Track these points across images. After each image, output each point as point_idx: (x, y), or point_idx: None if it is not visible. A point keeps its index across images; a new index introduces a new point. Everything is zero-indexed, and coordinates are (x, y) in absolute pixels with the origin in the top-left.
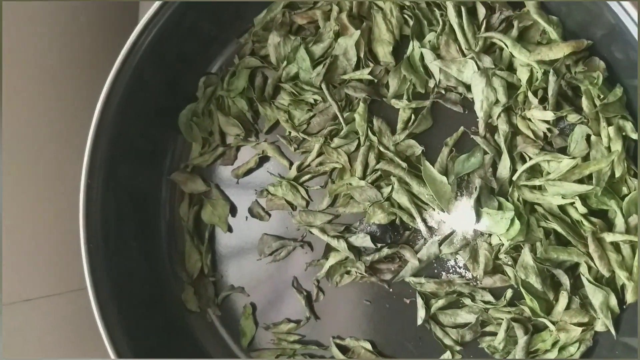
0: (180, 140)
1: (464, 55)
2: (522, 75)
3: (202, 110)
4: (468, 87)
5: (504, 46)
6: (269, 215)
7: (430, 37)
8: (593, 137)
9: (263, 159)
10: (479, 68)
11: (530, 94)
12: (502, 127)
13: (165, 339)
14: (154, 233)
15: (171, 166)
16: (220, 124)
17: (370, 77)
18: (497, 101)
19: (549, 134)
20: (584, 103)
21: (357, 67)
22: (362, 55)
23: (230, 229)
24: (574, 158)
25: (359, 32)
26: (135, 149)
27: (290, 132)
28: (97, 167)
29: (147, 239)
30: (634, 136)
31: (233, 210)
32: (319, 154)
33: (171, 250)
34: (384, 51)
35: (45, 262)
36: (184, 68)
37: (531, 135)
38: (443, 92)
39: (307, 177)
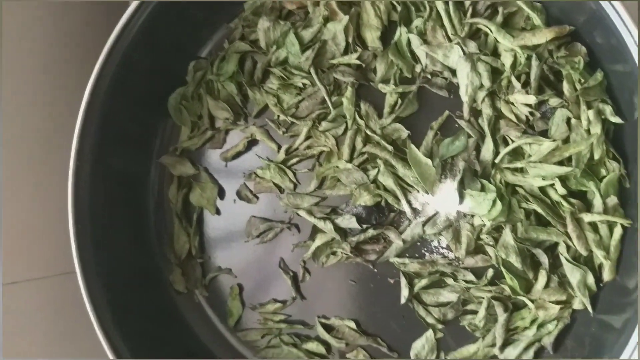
0: (169, 123)
1: (450, 40)
2: (506, 60)
3: (192, 94)
4: (453, 72)
5: (489, 32)
6: (257, 198)
7: (417, 22)
8: (573, 121)
9: (252, 143)
10: (464, 53)
11: (513, 79)
12: (486, 111)
13: (153, 320)
14: (142, 215)
15: (160, 149)
16: (210, 108)
17: (358, 61)
18: (481, 86)
19: (531, 118)
20: (565, 87)
21: (346, 52)
22: (350, 40)
23: (218, 212)
24: (554, 141)
25: (347, 17)
26: (125, 131)
27: (278, 116)
28: (86, 149)
29: (136, 220)
30: (613, 119)
31: (221, 193)
32: (307, 138)
33: (159, 232)
34: (372, 36)
35: (35, 245)
36: (174, 52)
37: (514, 119)
38: (429, 76)
39: (295, 160)
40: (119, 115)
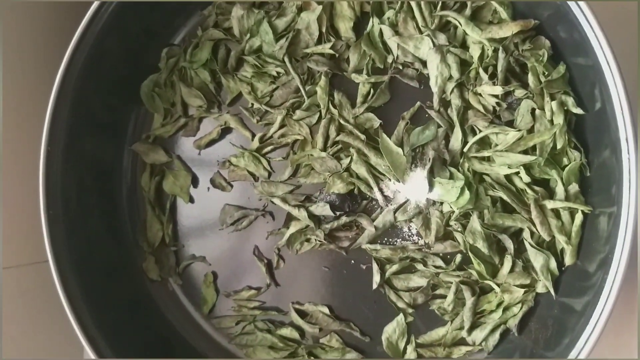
0: (142, 111)
1: (421, 32)
2: (474, 52)
3: (165, 81)
4: (424, 63)
5: (458, 24)
6: (231, 186)
7: (389, 14)
8: (537, 111)
9: (225, 131)
10: (434, 45)
11: (481, 70)
12: (455, 101)
13: (127, 309)
14: (115, 202)
15: (133, 137)
16: (183, 95)
17: (331, 51)
18: (450, 77)
19: (497, 108)
20: (530, 79)
21: (319, 41)
22: (324, 30)
23: (192, 200)
24: (519, 131)
25: (320, 7)
26: (97, 117)
27: (252, 104)
28: (57, 134)
29: (109, 208)
30: (575, 110)
31: (195, 181)
32: (281, 126)
33: (132, 219)
34: (345, 27)
35: (6, 234)
36: (147, 39)
37: (481, 110)
38: (400, 67)
39: (269, 148)
40: (90, 101)
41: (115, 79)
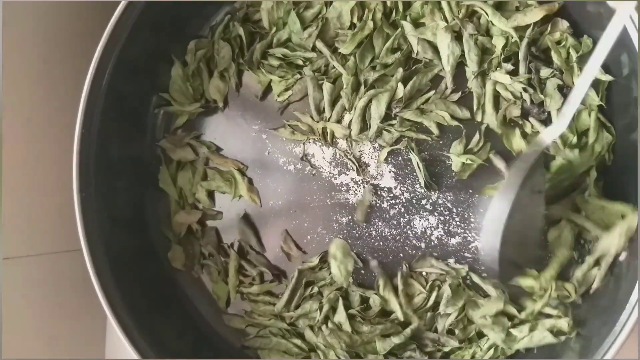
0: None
1: (447, 22)
2: (498, 42)
3: (193, 71)
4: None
5: (484, 14)
6: None
7: (416, 5)
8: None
9: None
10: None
11: (502, 62)
12: (477, 90)
13: (156, 295)
14: (143, 188)
15: (162, 127)
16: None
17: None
18: (466, 62)
19: (524, 94)
20: (555, 57)
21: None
22: (355, 20)
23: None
24: None
25: None
26: (127, 106)
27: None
28: (92, 119)
29: (137, 195)
30: (605, 78)
31: None
32: None
33: (159, 208)
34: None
35: (41, 222)
36: (175, 30)
37: (510, 97)
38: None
39: None
40: (122, 89)
41: (144, 69)
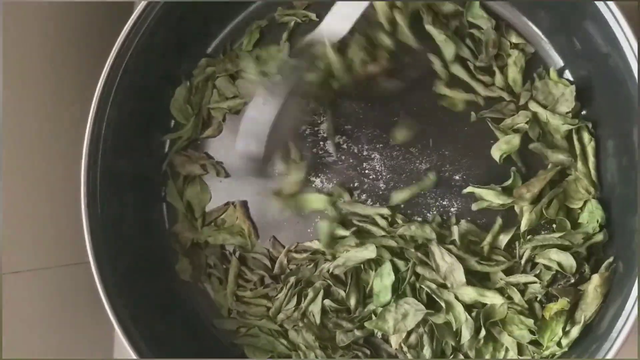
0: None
1: None
2: None
3: (197, 84)
4: None
5: None
6: None
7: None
8: None
9: None
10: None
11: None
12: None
13: (164, 308)
14: (150, 201)
15: (171, 141)
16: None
17: None
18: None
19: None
20: None
21: None
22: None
23: None
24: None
25: None
26: (139, 117)
27: None
28: (101, 133)
29: (144, 207)
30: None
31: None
32: None
33: (166, 220)
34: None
35: (47, 235)
36: (181, 50)
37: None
38: None
39: None
40: (133, 102)
41: (152, 87)
